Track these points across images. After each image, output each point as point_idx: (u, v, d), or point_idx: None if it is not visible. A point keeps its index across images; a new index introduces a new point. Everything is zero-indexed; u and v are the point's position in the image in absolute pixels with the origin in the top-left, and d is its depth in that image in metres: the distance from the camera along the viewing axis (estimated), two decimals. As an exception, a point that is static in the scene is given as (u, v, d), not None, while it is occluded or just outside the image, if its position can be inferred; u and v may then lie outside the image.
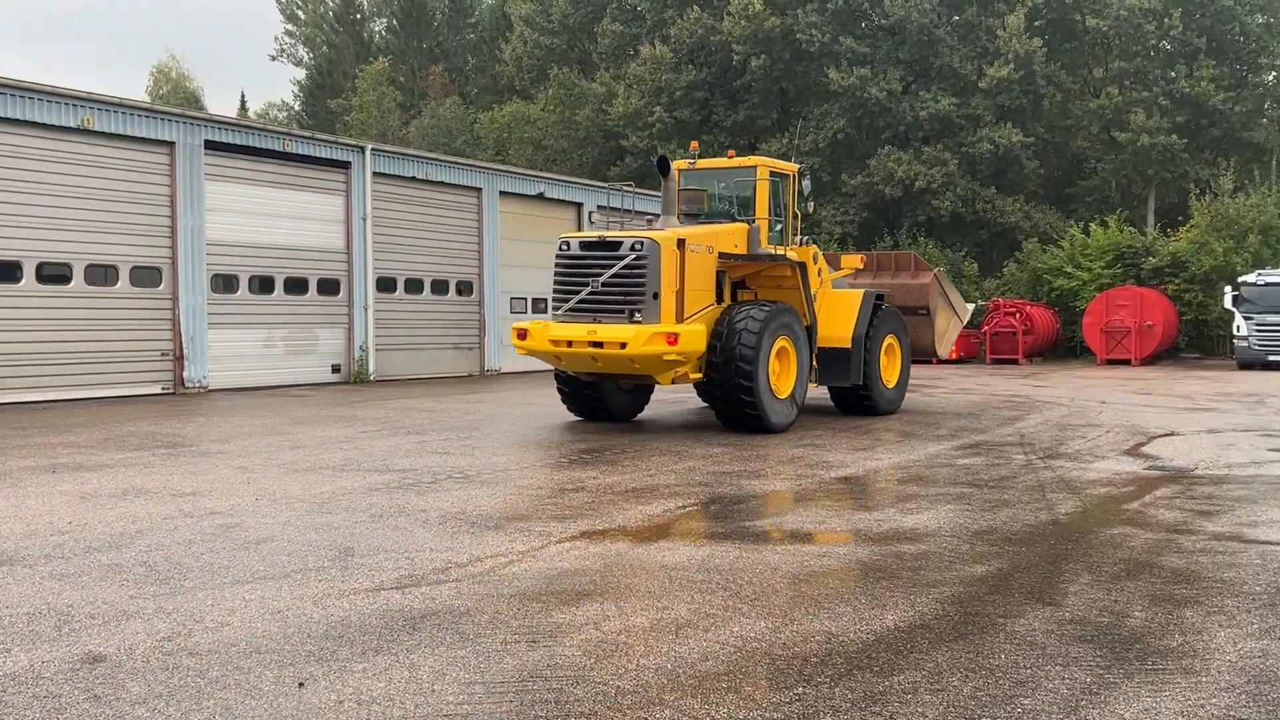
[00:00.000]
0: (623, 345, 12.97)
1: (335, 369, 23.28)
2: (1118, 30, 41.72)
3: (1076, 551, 7.08)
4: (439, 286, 26.10)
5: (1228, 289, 31.67)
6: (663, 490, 9.39)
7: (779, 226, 15.29)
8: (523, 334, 14.33)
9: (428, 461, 11.06)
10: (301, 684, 4.54)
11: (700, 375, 13.55)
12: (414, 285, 25.42)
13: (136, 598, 5.81)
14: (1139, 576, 6.36)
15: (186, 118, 20.57)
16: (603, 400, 14.98)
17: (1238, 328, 30.87)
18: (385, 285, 24.54)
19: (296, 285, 22.53)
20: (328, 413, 16.39)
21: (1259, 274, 31.46)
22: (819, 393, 16.57)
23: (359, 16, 68.86)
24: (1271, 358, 29.89)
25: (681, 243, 13.38)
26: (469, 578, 6.30)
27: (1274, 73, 43.90)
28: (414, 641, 5.11)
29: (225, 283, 21.07)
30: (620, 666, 4.76)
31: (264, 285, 21.89)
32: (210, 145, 20.48)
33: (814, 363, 15.04)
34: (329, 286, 23.24)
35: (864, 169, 43.32)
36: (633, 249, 13.32)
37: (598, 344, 13.23)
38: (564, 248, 14.44)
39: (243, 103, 72.62)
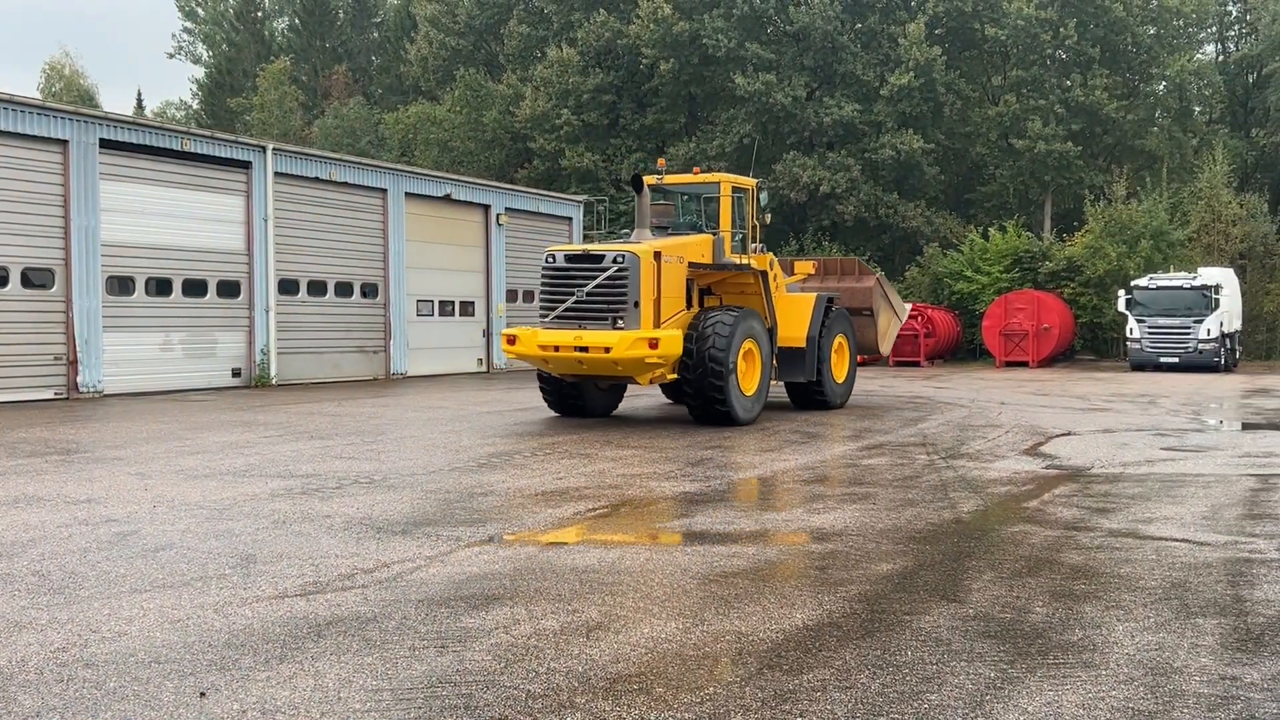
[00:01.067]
0: (607, 350, 14.08)
1: (236, 373, 22.79)
2: (1015, 40, 43.02)
3: (979, 549, 7.24)
4: (343, 289, 25.72)
5: (1121, 293, 32.80)
6: (572, 493, 9.37)
7: (740, 236, 16.43)
8: (512, 340, 15.25)
9: (332, 466, 10.87)
10: (203, 694, 4.43)
11: (675, 375, 14.77)
12: (317, 287, 24.99)
13: (29, 608, 5.62)
14: (1039, 573, 6.50)
15: (80, 116, 20.00)
16: (582, 398, 16.01)
17: (1131, 330, 32.00)
18: (287, 287, 24.12)
19: (195, 287, 22.00)
20: (228, 417, 16.03)
21: (1151, 278, 32.69)
22: (776, 390, 17.36)
23: (260, 15, 67.94)
24: (1163, 359, 31.05)
25: (658, 254, 14.59)
26: (375, 584, 6.21)
27: (1164, 82, 45.71)
28: (319, 649, 5.01)
29: (121, 285, 20.48)
30: (531, 670, 4.73)
31: (161, 287, 21.31)
32: (105, 144, 19.94)
33: (774, 360, 16.23)
34: (229, 289, 22.73)
35: (770, 173, 43.85)
36: (615, 261, 14.45)
37: (583, 349, 14.31)
38: (550, 260, 15.31)
39: (139, 101, 71.79)
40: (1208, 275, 32.21)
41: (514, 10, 50.54)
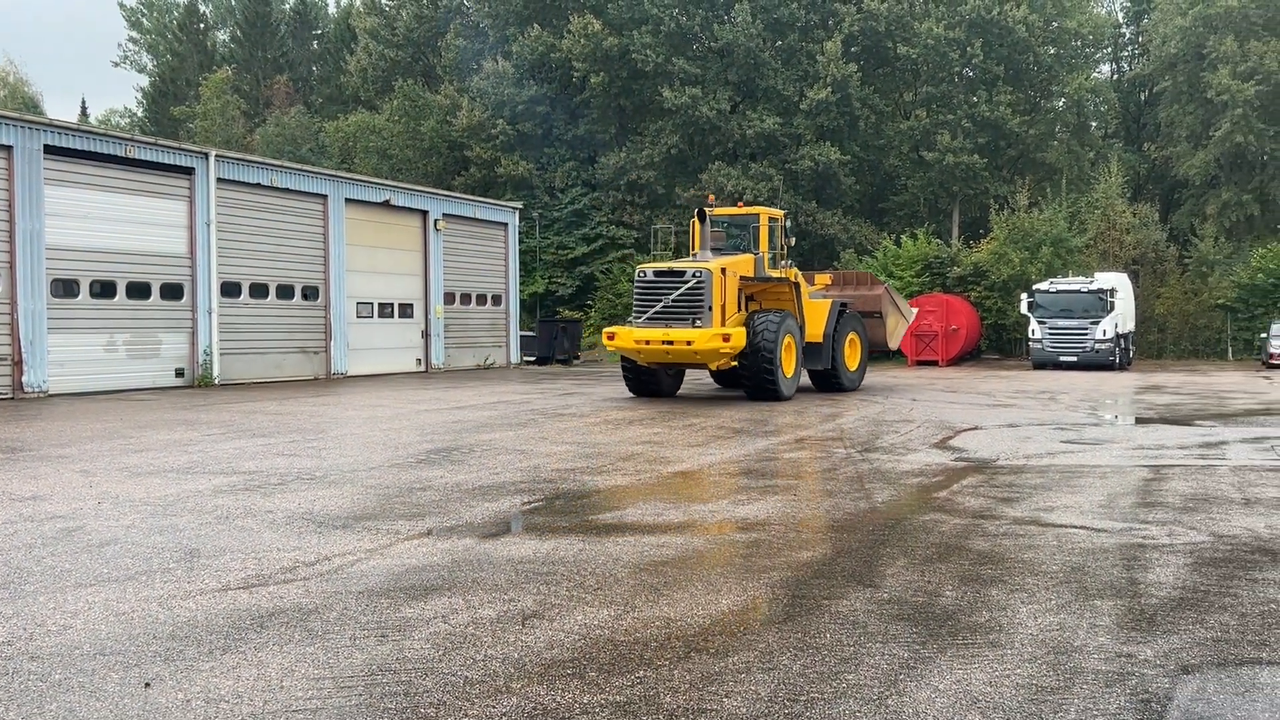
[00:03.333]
0: (689, 343, 18.29)
1: (179, 373, 22.86)
2: (925, 58, 44.13)
3: (893, 537, 7.48)
4: (284, 291, 25.78)
5: (1024, 296, 33.87)
6: (509, 487, 9.47)
7: (773, 255, 20.32)
8: (611, 336, 19.41)
9: (274, 463, 10.85)
10: (148, 684, 4.45)
11: (735, 363, 18.74)
12: (259, 290, 25.06)
13: (-27, 604, 5.54)
14: (949, 559, 6.71)
15: (24, 122, 19.95)
16: (656, 381, 20.13)
17: (1033, 331, 33.06)
18: (230, 290, 24.24)
19: (139, 290, 22.05)
20: (172, 416, 15.88)
21: (1051, 282, 33.83)
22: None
23: (202, 25, 68.51)
24: (1063, 358, 32.13)
25: (724, 270, 18.80)
26: (317, 576, 6.26)
27: (1063, 99, 47.23)
28: (262, 640, 5.05)
29: (66, 287, 20.48)
30: (468, 657, 4.81)
31: (106, 290, 21.32)
32: (50, 150, 19.94)
33: (802, 351, 20.28)
34: (172, 291, 22.78)
35: (696, 183, 44.38)
36: (694, 276, 18.63)
37: (669, 342, 18.53)
38: (641, 275, 19.52)
39: (84, 109, 70.87)
40: (1103, 280, 33.40)
41: (451, 24, 50.83)
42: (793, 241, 21.09)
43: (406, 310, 30.37)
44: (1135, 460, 11.43)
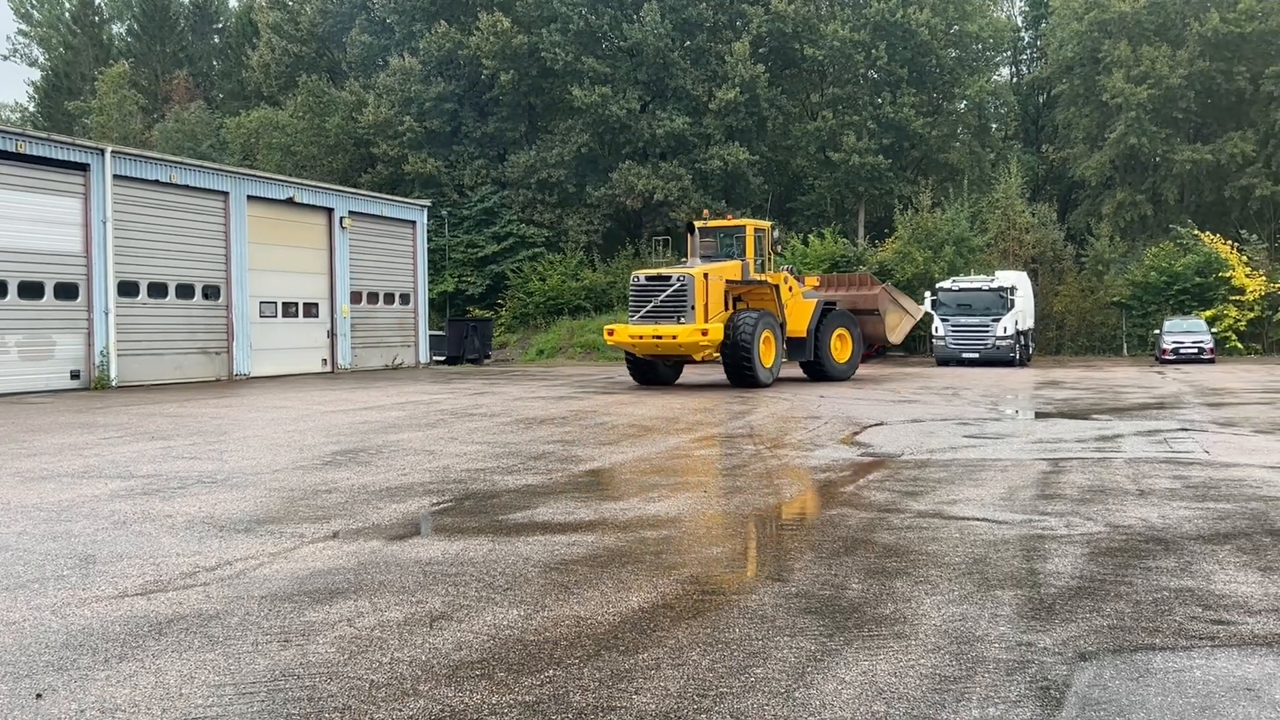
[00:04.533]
0: (674, 337, 21.34)
1: (75, 375, 22.17)
2: (832, 60, 44.87)
3: (801, 531, 7.56)
4: (184, 290, 25.23)
5: (927, 294, 34.63)
6: (417, 488, 9.33)
7: (760, 261, 23.39)
8: (611, 332, 22.75)
9: (174, 466, 10.54)
10: (39, 695, 4.28)
11: (718, 354, 22.02)
12: (158, 289, 24.48)
13: None
14: (855, 552, 6.77)
15: None
16: (655, 370, 23.33)
17: (936, 329, 33.83)
18: (127, 289, 23.60)
19: (32, 290, 21.35)
20: (66, 419, 15.34)
21: (953, 280, 34.68)
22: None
23: (97, 18, 66.53)
24: (965, 355, 32.95)
25: (706, 275, 21.90)
26: (218, 581, 6.09)
27: (965, 101, 48.49)
28: (160, 647, 4.90)
29: None
30: (374, 661, 4.72)
31: None
32: None
33: (785, 345, 23.41)
34: (67, 291, 22.08)
35: (607, 181, 44.40)
36: (679, 280, 21.75)
37: (658, 337, 21.59)
38: (635, 280, 22.83)
39: None
40: (1004, 278, 34.36)
41: (356, 19, 49.90)
42: (779, 249, 24.34)
43: (312, 310, 29.84)
44: (1035, 454, 11.68)
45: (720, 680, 4.44)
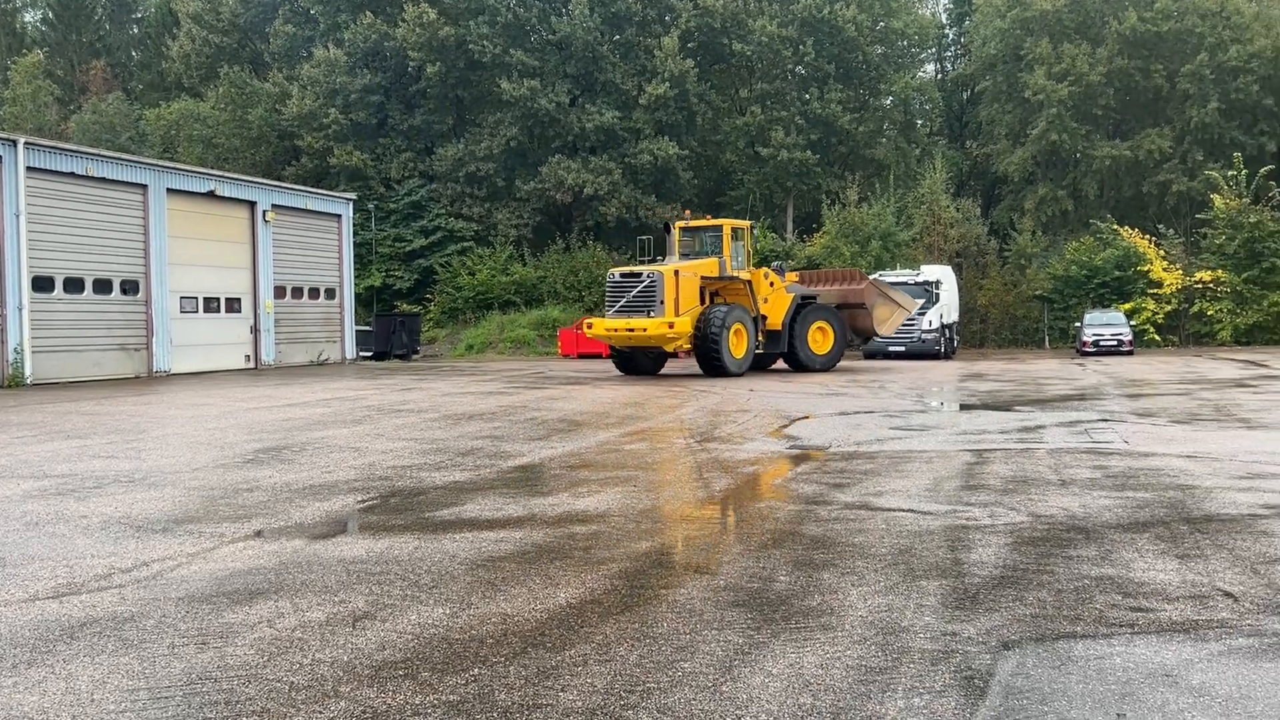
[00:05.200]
0: (645, 330, 22.86)
1: None
2: (760, 55, 45.18)
3: (729, 524, 7.57)
4: (102, 285, 24.61)
5: (855, 289, 35.03)
6: (342, 486, 9.16)
7: (738, 258, 24.85)
8: (590, 325, 25.02)
9: (89, 466, 10.24)
10: None
11: (689, 345, 23.53)
12: (74, 284, 23.84)
13: None
14: (783, 544, 6.79)
15: None
16: (635, 361, 24.71)
17: (864, 322, 34.24)
18: (42, 284, 22.97)
19: None
20: (-23, 419, 14.76)
21: (880, 274, 35.11)
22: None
23: (10, 6, 64.76)
24: (892, 348, 33.41)
25: (676, 272, 23.35)
26: (133, 583, 5.91)
27: (891, 98, 49.22)
28: (72, 651, 4.73)
29: None
30: (295, 662, 4.62)
31: None
32: None
33: (761, 337, 24.81)
34: None
35: (536, 175, 44.16)
36: (649, 277, 23.21)
37: (631, 330, 23.13)
38: (611, 276, 24.27)
39: None
40: (929, 272, 34.99)
41: (279, 9, 49.01)
42: (757, 245, 25.83)
43: (234, 305, 29.29)
44: (959, 445, 11.85)
45: (648, 675, 4.42)
